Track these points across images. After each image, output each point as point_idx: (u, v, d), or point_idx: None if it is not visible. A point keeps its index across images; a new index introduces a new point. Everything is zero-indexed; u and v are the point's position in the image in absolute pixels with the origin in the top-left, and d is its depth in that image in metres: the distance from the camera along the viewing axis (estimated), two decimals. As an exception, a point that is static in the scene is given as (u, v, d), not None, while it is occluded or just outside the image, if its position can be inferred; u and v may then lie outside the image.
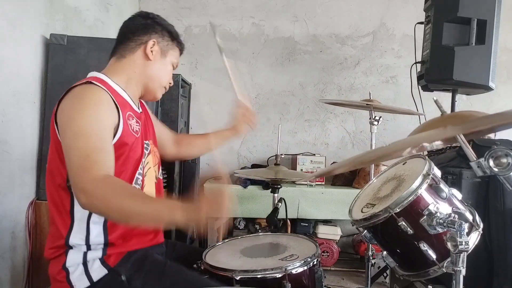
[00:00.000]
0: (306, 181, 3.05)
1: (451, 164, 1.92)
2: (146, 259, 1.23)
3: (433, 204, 1.17)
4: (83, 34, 2.44)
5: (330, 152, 3.52)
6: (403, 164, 1.42)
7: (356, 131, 3.58)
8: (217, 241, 1.59)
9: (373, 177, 1.52)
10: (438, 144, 1.28)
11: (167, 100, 2.81)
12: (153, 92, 1.38)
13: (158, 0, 3.54)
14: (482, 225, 1.24)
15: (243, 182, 2.95)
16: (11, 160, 1.89)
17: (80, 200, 1.02)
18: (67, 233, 1.17)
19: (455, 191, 1.26)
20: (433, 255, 1.17)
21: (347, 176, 3.20)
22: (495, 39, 2.34)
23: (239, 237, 1.58)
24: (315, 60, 3.56)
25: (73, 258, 1.18)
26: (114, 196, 1.02)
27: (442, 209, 1.16)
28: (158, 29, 1.35)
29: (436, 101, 1.42)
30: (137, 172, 1.26)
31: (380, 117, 2.24)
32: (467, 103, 3.46)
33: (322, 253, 3.01)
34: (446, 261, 1.14)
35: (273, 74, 3.56)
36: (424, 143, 1.08)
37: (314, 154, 3.26)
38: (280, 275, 1.19)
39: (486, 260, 1.76)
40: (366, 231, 1.31)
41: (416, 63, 2.64)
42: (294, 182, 3.07)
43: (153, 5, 3.54)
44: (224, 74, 1.63)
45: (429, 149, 1.96)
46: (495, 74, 2.39)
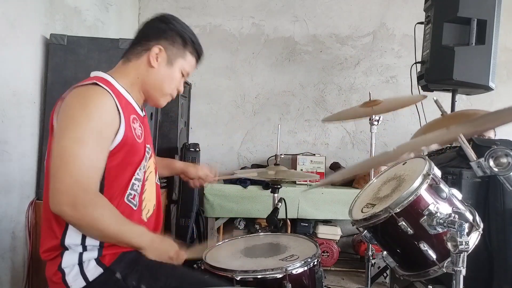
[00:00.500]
0: (307, 181, 3.05)
1: (451, 164, 1.92)
2: (141, 257, 1.22)
3: (433, 204, 1.17)
4: (83, 34, 2.44)
5: (330, 152, 3.52)
6: (403, 164, 1.42)
7: (356, 131, 3.57)
8: (217, 241, 1.59)
9: (373, 177, 1.52)
10: (436, 146, 1.28)
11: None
12: (155, 100, 1.35)
13: (158, 0, 3.54)
14: (482, 225, 1.24)
15: (243, 182, 2.95)
16: (11, 160, 1.88)
17: (65, 212, 1.05)
18: (63, 234, 1.17)
19: (455, 191, 1.27)
20: (433, 255, 1.17)
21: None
22: (495, 39, 2.34)
23: (239, 237, 1.59)
24: (315, 60, 3.56)
25: (69, 259, 1.17)
26: (102, 221, 1.10)
27: (442, 209, 1.16)
28: (170, 35, 1.31)
29: (436, 101, 1.42)
30: (134, 178, 1.24)
31: (380, 117, 2.24)
32: (467, 103, 3.46)
33: (322, 253, 3.01)
34: (446, 261, 1.14)
35: (273, 74, 3.56)
36: (424, 146, 1.08)
37: (314, 154, 3.26)
38: (281, 276, 1.19)
39: (486, 260, 1.76)
40: (366, 231, 1.32)
41: (416, 63, 2.65)
42: (295, 183, 3.08)
43: (153, 5, 3.54)
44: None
45: (427, 151, 1.96)
46: (495, 74, 2.39)
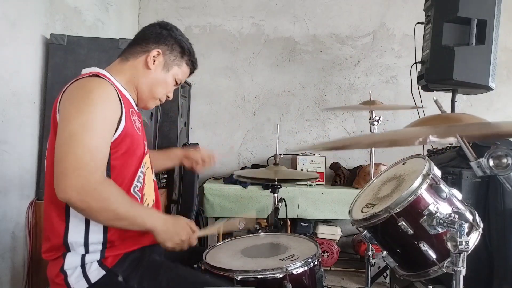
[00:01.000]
0: (307, 182, 3.05)
1: (451, 164, 1.92)
2: (143, 259, 1.23)
3: (433, 204, 1.17)
4: (83, 34, 2.44)
5: (330, 152, 3.52)
6: (403, 164, 1.42)
7: (356, 131, 3.57)
8: (217, 241, 1.59)
9: (373, 177, 1.52)
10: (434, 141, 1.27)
11: (167, 100, 2.80)
12: (144, 101, 1.38)
13: (158, 0, 3.54)
14: (482, 225, 1.24)
15: (243, 182, 2.95)
16: (11, 160, 1.88)
17: (73, 197, 1.03)
18: (65, 231, 1.17)
19: (455, 191, 1.27)
20: (433, 255, 1.17)
21: (347, 176, 3.21)
22: (495, 39, 2.34)
23: (240, 237, 1.59)
24: (315, 60, 3.56)
25: (71, 261, 1.17)
26: (114, 200, 1.08)
27: (442, 209, 1.16)
28: (170, 42, 1.34)
29: (436, 101, 1.41)
30: (139, 170, 1.27)
31: (380, 117, 2.24)
32: (467, 103, 3.46)
33: (322, 253, 3.01)
34: (446, 261, 1.14)
35: (273, 74, 3.56)
36: (431, 137, 1.07)
37: (314, 154, 3.26)
38: (281, 276, 1.19)
39: (486, 260, 1.76)
40: (366, 231, 1.32)
41: (416, 63, 2.64)
42: (295, 182, 3.07)
43: (153, 5, 3.54)
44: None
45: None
46: (495, 74, 2.39)
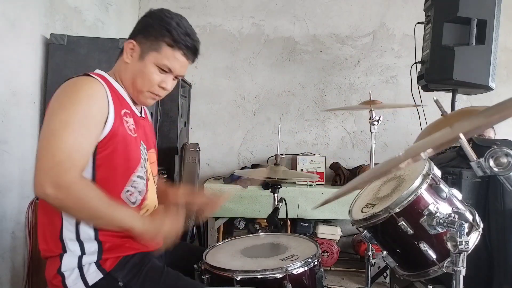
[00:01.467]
0: (307, 182, 3.05)
1: (451, 164, 1.92)
2: (144, 265, 1.21)
3: (433, 204, 1.17)
4: (83, 34, 2.44)
5: (330, 152, 3.52)
6: (403, 164, 1.41)
7: (356, 131, 3.57)
8: (217, 241, 1.59)
9: (373, 177, 1.52)
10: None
11: (167, 100, 2.80)
12: (135, 97, 1.29)
13: (158, 0, 3.54)
14: (482, 225, 1.24)
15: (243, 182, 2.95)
16: (11, 160, 1.88)
17: (48, 194, 1.02)
18: (61, 226, 1.17)
19: (455, 191, 1.27)
20: (433, 255, 1.17)
21: (347, 176, 3.20)
22: (495, 39, 2.34)
23: (239, 237, 1.58)
24: (315, 60, 3.56)
25: (68, 262, 1.16)
26: (88, 200, 1.07)
27: (442, 209, 1.16)
28: (147, 28, 1.23)
29: (437, 101, 1.41)
30: (135, 175, 1.22)
31: (380, 117, 2.24)
32: (467, 103, 3.46)
33: (322, 253, 3.01)
34: (446, 261, 1.14)
35: (273, 74, 3.55)
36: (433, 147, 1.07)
37: (314, 154, 3.26)
38: (281, 276, 1.19)
39: (486, 260, 1.76)
40: (366, 231, 1.32)
41: (416, 63, 2.64)
42: (295, 183, 3.07)
43: (153, 5, 3.48)
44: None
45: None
46: (495, 74, 2.39)
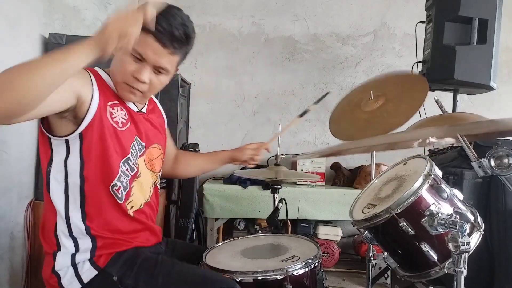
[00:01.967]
0: (307, 182, 3.04)
1: (453, 164, 1.91)
2: (137, 257, 1.21)
3: (435, 205, 1.16)
4: (82, 33, 2.42)
5: (331, 152, 3.51)
6: (404, 165, 1.41)
7: (357, 131, 3.56)
8: (217, 242, 1.58)
9: (374, 178, 1.51)
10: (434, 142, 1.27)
11: (167, 100, 2.79)
12: (117, 90, 1.23)
13: None
14: (484, 226, 1.23)
15: (243, 182, 2.94)
16: (10, 160, 1.88)
17: None
18: (55, 221, 1.18)
19: (457, 192, 1.26)
20: (434, 256, 1.16)
21: (348, 177, 3.19)
22: (497, 39, 2.33)
23: (240, 238, 1.58)
24: (316, 60, 3.55)
25: (62, 261, 1.17)
26: (14, 73, 0.93)
27: (444, 210, 1.15)
28: None
29: (437, 101, 1.41)
30: (120, 170, 1.20)
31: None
32: (469, 103, 3.45)
33: (323, 254, 3.00)
34: (448, 262, 1.13)
35: (273, 74, 3.54)
36: (431, 138, 1.06)
37: (315, 154, 3.25)
38: (281, 277, 1.18)
39: (488, 261, 1.75)
40: (367, 232, 1.31)
41: (417, 63, 2.63)
42: (295, 183, 3.07)
43: (153, 5, 3.52)
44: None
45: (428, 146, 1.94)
46: (497, 74, 2.38)
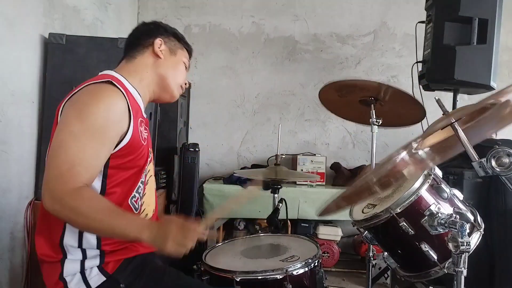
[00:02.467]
0: (307, 182, 3.04)
1: (453, 164, 1.91)
2: (146, 266, 1.21)
3: (435, 205, 1.16)
4: (82, 34, 2.42)
5: (331, 152, 3.51)
6: (404, 164, 1.40)
7: (357, 131, 3.56)
8: (217, 242, 1.58)
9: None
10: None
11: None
12: (170, 91, 1.36)
13: (158, 0, 3.53)
14: (484, 226, 1.23)
15: (243, 182, 2.93)
16: (10, 160, 1.87)
17: (46, 203, 1.01)
18: (62, 232, 1.15)
19: (457, 191, 1.26)
20: (434, 256, 1.16)
21: (348, 176, 3.19)
22: (497, 39, 2.34)
23: (240, 238, 1.58)
24: (316, 60, 3.54)
25: (70, 268, 1.15)
26: (84, 211, 1.01)
27: (444, 210, 1.16)
28: (162, 31, 1.36)
29: (438, 101, 1.40)
30: (140, 181, 1.24)
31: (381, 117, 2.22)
32: (468, 103, 3.44)
33: (323, 254, 3.00)
34: (448, 262, 1.14)
35: (273, 74, 3.54)
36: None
37: (315, 154, 3.25)
38: (281, 277, 1.19)
39: (488, 261, 1.76)
40: (367, 232, 1.31)
41: (418, 63, 2.63)
42: (295, 183, 3.07)
43: (152, 4, 3.53)
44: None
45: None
46: (497, 74, 2.38)
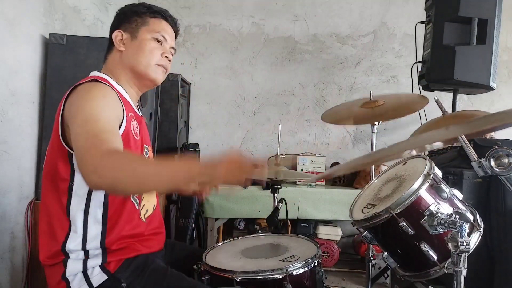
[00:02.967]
0: (307, 182, 3.04)
1: (452, 164, 1.91)
2: (147, 266, 1.21)
3: (434, 205, 1.16)
4: (83, 34, 2.43)
5: (331, 152, 3.51)
6: (404, 165, 1.41)
7: (357, 131, 3.56)
8: (217, 242, 1.58)
9: (374, 177, 1.52)
10: (438, 145, 1.27)
11: (167, 100, 2.80)
12: (146, 77, 1.30)
13: (157, 0, 3.53)
14: (483, 226, 1.23)
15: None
16: (10, 160, 1.88)
17: (91, 181, 0.96)
18: (65, 237, 1.15)
19: (456, 191, 1.26)
20: (434, 256, 1.16)
21: (348, 176, 3.20)
22: (496, 39, 2.34)
23: (240, 238, 1.58)
24: (316, 60, 3.55)
25: (73, 268, 1.15)
26: (124, 164, 0.96)
27: (443, 210, 1.16)
28: (124, 18, 1.32)
29: (437, 101, 1.41)
30: None
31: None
32: (468, 103, 3.45)
33: (323, 254, 3.00)
34: (447, 262, 1.14)
35: (273, 74, 3.55)
36: (425, 145, 1.07)
37: (315, 154, 3.25)
38: (281, 276, 1.18)
39: (487, 261, 1.76)
40: (367, 232, 1.31)
41: (417, 63, 2.64)
42: (295, 183, 3.07)
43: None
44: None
45: (429, 149, 1.95)
46: (496, 74, 2.39)
